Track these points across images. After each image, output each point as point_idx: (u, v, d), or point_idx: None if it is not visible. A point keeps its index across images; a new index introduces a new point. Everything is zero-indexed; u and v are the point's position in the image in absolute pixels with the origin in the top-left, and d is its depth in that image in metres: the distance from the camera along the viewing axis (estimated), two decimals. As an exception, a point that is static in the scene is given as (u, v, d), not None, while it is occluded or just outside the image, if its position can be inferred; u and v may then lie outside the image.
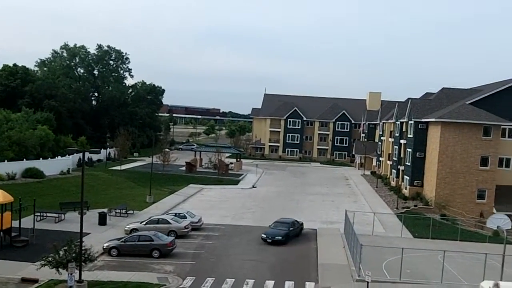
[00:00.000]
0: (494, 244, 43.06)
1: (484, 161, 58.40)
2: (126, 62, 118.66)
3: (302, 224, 45.96)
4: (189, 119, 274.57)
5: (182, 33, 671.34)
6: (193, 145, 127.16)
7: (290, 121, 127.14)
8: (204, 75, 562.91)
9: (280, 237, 41.19)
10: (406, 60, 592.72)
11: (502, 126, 59.07)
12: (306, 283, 31.65)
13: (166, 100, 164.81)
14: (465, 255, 37.32)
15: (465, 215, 56.06)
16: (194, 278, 31.84)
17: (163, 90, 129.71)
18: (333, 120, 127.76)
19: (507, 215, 34.61)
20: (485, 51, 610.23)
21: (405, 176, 69.61)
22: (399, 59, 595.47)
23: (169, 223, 42.43)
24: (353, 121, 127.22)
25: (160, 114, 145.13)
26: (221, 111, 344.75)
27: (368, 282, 26.52)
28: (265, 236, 41.62)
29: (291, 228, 42.81)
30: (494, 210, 55.12)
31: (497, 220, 33.30)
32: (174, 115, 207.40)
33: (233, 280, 31.57)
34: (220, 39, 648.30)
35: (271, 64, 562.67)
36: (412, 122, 66.64)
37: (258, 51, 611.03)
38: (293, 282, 31.68)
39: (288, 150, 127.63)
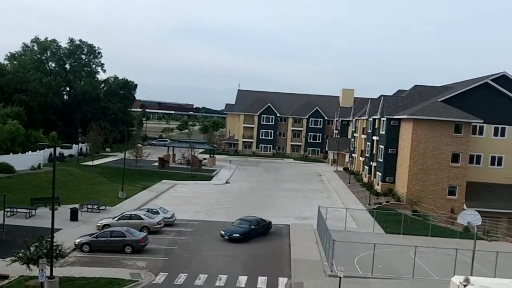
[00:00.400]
0: (464, 239, 43.89)
1: (455, 158, 59.32)
2: (99, 57, 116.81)
3: (269, 223, 44.85)
4: (162, 115, 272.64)
5: (155, 27, 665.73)
6: (166, 141, 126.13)
7: (264, 117, 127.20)
8: (177, 70, 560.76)
9: (237, 235, 40.43)
10: (380, 57, 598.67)
11: (473, 124, 60.09)
12: (279, 278, 31.70)
13: (139, 95, 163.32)
14: (436, 250, 37.93)
15: (436, 211, 56.91)
16: (166, 274, 31.62)
17: (136, 85, 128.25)
18: (307, 117, 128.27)
19: (478, 211, 35.18)
20: (458, 50, 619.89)
21: (378, 172, 70.32)
22: (372, 57, 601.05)
23: (141, 218, 42.04)
24: (326, 118, 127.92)
25: (132, 109, 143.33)
26: (194, 107, 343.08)
27: (340, 278, 26.66)
28: (223, 233, 41.03)
29: (252, 226, 41.86)
30: (465, 206, 56.03)
31: (468, 216, 33.81)
32: (147, 110, 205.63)
33: (206, 275, 31.46)
34: (193, 34, 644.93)
35: (245, 60, 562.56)
36: (385, 119, 67.32)
37: (231, 47, 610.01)
38: (266, 277, 31.70)
39: (261, 146, 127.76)
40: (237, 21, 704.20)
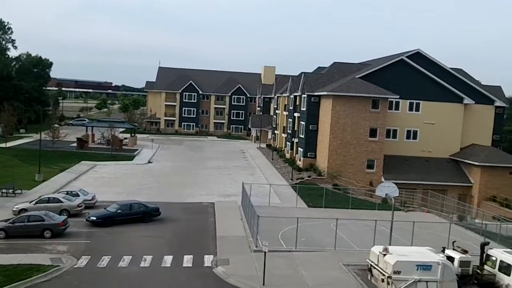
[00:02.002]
0: (383, 211, 45.71)
1: (373, 133, 61.34)
2: (9, 32, 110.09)
3: (154, 209, 40.90)
4: (79, 93, 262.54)
5: (71, 2, 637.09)
6: (85, 120, 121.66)
7: (185, 94, 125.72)
8: (94, 48, 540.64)
9: (94, 218, 38.16)
10: (300, 35, 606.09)
11: (389, 99, 62.28)
12: (205, 256, 31.65)
13: (54, 73, 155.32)
14: (356, 222, 39.21)
15: (356, 184, 58.84)
16: (89, 257, 30.70)
17: (51, 63, 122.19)
18: (229, 94, 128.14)
19: (395, 183, 36.55)
20: (375, 27, 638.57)
21: (299, 148, 71.58)
22: (294, 35, 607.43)
23: (60, 201, 40.51)
24: (248, 95, 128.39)
25: (48, 88, 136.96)
26: (113, 85, 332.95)
27: (265, 252, 26.97)
28: (87, 216, 39.11)
29: (119, 211, 39.09)
30: (383, 179, 58.29)
31: (385, 188, 35.00)
32: (63, 89, 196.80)
33: (131, 257, 30.85)
34: (110, 10, 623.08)
35: (165, 37, 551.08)
36: (305, 95, 68.38)
37: (152, 23, 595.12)
38: (191, 256, 31.54)
39: (184, 124, 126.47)
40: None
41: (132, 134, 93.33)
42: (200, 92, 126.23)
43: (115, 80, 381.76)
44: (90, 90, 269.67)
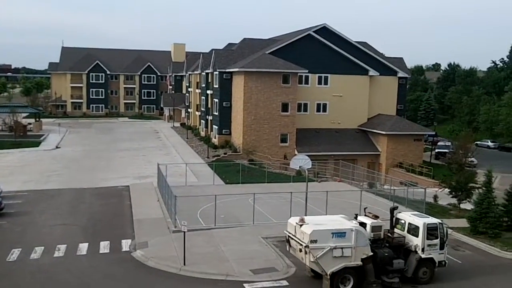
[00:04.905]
0: (298, 183, 46.75)
1: (284, 107, 62.29)
2: None
3: None
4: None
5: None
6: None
7: (92, 75, 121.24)
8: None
9: None
10: (209, 11, 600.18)
11: (299, 74, 63.35)
12: (122, 241, 30.90)
13: None
14: (273, 196, 39.82)
15: (270, 158, 59.71)
16: (-3, 251, 29.01)
17: None
18: (139, 73, 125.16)
19: (308, 155, 37.42)
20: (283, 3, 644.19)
21: (214, 126, 71.40)
22: (202, 11, 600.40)
23: (-39, 194, 37.87)
24: (159, 74, 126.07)
25: None
26: (13, 67, 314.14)
27: (184, 232, 26.77)
28: None
29: None
30: (296, 152, 59.58)
31: (299, 161, 35.74)
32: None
33: (43, 247, 29.46)
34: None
35: (67, 15, 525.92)
36: (217, 72, 68.04)
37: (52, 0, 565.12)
38: (108, 241, 30.68)
39: (93, 106, 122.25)
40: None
41: (37, 119, 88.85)
42: (108, 72, 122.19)
43: (14, 62, 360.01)
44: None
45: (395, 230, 26.25)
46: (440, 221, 25.98)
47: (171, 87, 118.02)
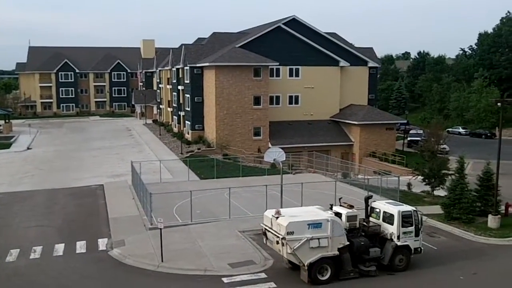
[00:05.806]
0: (272, 175, 46.95)
1: (257, 101, 62.42)
2: None
3: None
4: None
5: None
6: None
7: (61, 74, 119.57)
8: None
9: None
10: (179, 6, 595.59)
11: (270, 66, 63.49)
12: (99, 240, 30.70)
13: None
14: (248, 189, 39.92)
15: (244, 152, 59.83)
16: (-30, 256, 28.52)
17: None
18: (109, 71, 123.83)
19: (281, 147, 37.62)
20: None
21: (187, 121, 71.16)
22: (171, 5, 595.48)
23: None
24: (129, 71, 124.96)
25: None
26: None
27: (161, 229, 26.73)
28: None
29: None
30: (270, 145, 59.79)
31: (273, 154, 35.85)
32: None
33: (18, 250, 29.07)
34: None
35: (33, 14, 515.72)
36: (188, 68, 67.75)
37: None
38: (84, 241, 30.44)
39: (63, 106, 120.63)
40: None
41: (6, 120, 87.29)
42: (77, 71, 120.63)
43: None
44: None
45: (370, 219, 26.62)
46: (414, 209, 26.45)
47: (141, 83, 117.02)
